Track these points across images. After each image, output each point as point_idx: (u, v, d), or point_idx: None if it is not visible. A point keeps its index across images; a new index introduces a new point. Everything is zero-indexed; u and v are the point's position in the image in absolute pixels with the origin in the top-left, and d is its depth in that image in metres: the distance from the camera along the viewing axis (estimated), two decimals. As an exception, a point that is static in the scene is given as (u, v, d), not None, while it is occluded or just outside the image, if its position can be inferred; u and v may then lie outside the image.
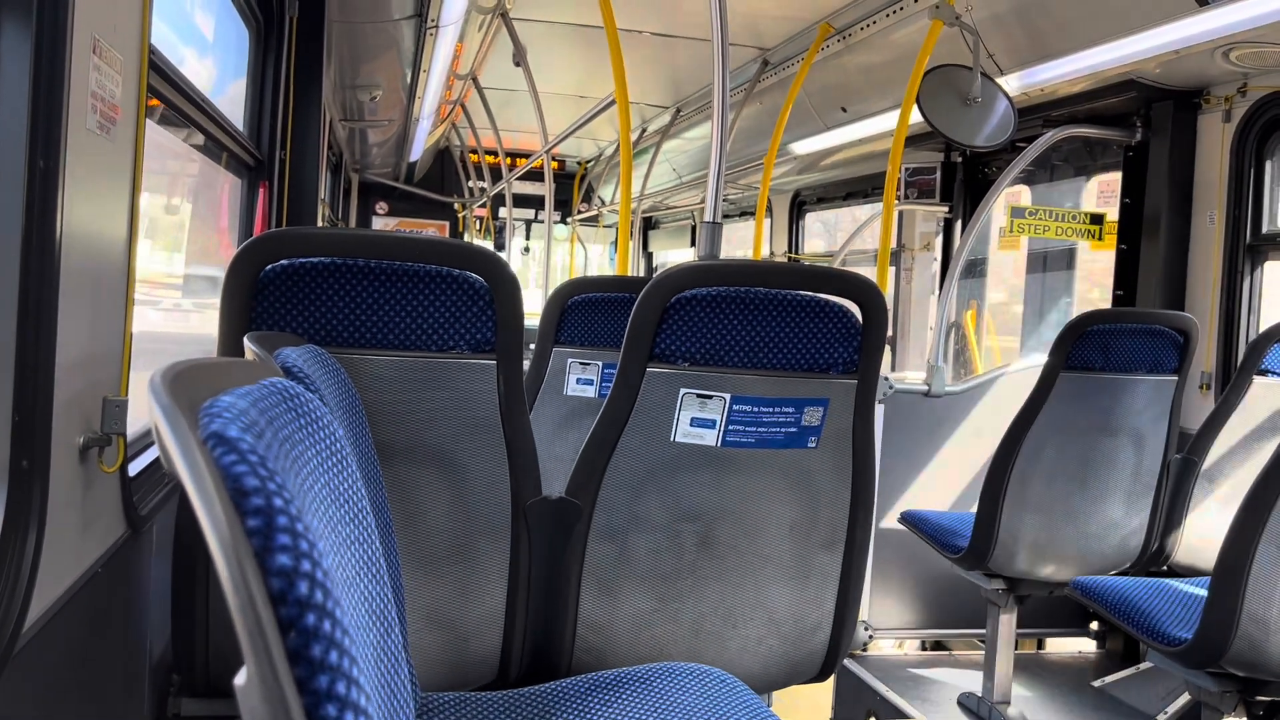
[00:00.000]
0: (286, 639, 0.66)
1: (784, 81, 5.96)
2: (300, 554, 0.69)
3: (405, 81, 6.20)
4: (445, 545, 2.03)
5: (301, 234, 1.89)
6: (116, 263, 1.71)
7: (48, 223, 1.36)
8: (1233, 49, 3.57)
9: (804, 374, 2.10)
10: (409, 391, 1.95)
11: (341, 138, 8.48)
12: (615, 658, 2.16)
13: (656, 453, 2.10)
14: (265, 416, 0.87)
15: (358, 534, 1.11)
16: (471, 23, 5.44)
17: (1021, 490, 3.25)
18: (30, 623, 1.36)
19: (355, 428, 1.62)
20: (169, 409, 0.74)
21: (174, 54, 2.45)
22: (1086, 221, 4.63)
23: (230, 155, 3.38)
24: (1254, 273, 3.97)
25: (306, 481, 0.92)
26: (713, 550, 2.17)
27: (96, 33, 1.51)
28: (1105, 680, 4.01)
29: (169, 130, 2.80)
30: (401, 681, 1.19)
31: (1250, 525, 2.39)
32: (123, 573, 1.84)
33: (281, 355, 1.41)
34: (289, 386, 1.03)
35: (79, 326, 1.53)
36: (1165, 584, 2.89)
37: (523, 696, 1.77)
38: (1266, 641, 2.41)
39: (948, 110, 4.19)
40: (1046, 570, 3.34)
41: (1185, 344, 3.25)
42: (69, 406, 1.49)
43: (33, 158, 1.33)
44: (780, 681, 2.31)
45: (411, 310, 1.93)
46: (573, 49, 6.54)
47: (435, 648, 2.05)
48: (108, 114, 1.57)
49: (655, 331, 2.05)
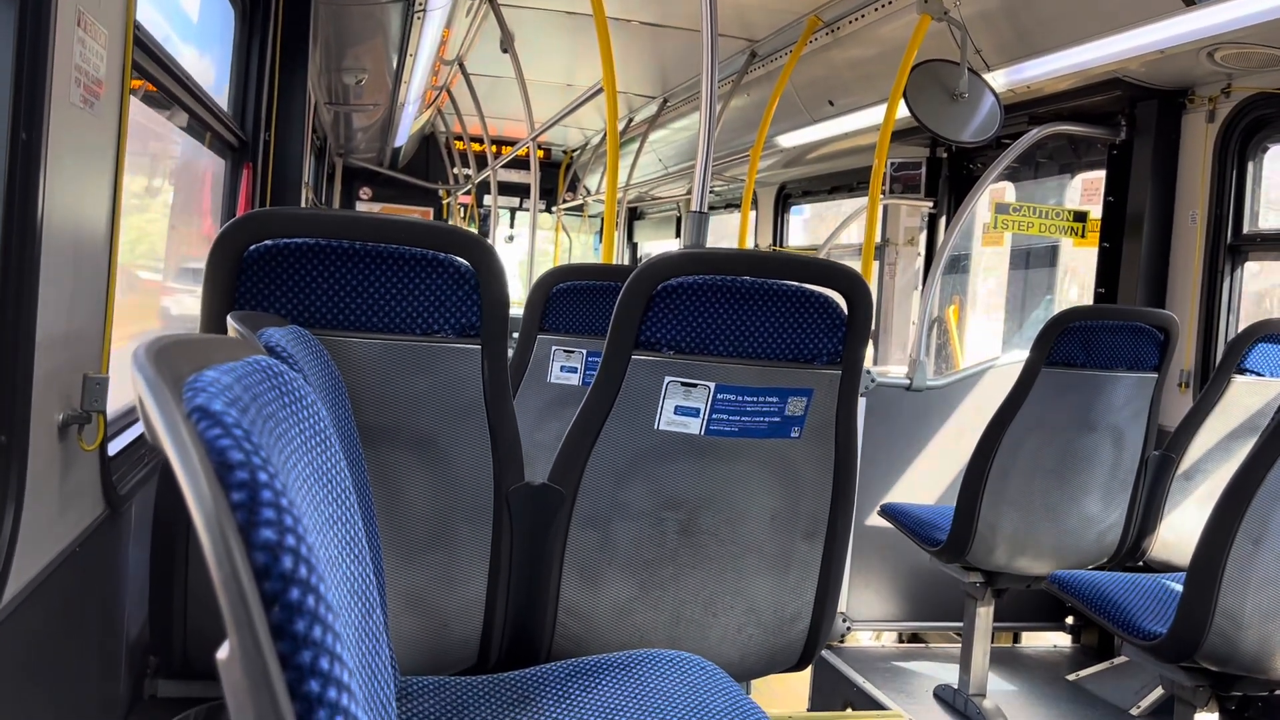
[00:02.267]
0: (270, 613, 0.65)
1: (771, 74, 5.96)
2: (285, 529, 0.68)
3: (391, 66, 6.16)
4: (427, 529, 2.02)
5: (286, 214, 1.87)
6: (99, 239, 1.69)
7: (29, 196, 1.35)
8: (1218, 49, 3.59)
9: (788, 364, 2.11)
10: (393, 375, 1.94)
11: (326, 121, 8.42)
12: (596, 644, 2.16)
13: (640, 440, 2.10)
14: (249, 393, 0.86)
15: (340, 514, 1.10)
16: (459, 7, 5.40)
17: (1001, 484, 3.27)
18: (5, 601, 1.35)
19: (338, 410, 1.61)
20: (154, 382, 0.73)
21: (158, 31, 2.43)
22: (1070, 219, 4.66)
23: (214, 135, 3.35)
24: (1234, 272, 4.00)
25: (290, 460, 0.92)
26: (694, 539, 2.17)
27: (81, 5, 1.49)
28: (1080, 674, 4.05)
29: (153, 109, 2.77)
30: (382, 663, 1.18)
31: (1226, 522, 2.41)
32: (100, 553, 1.83)
33: (265, 335, 1.40)
34: (273, 364, 1.02)
35: (60, 302, 1.51)
36: (1141, 579, 2.92)
37: (502, 681, 1.77)
38: (1240, 636, 2.44)
39: (934, 105, 4.20)
40: (1024, 564, 3.37)
41: (1165, 342, 3.27)
42: (49, 383, 1.48)
43: (15, 130, 1.31)
44: (759, 670, 2.31)
45: (396, 293, 1.92)
46: (560, 36, 6.51)
47: (415, 631, 2.05)
48: (91, 88, 1.56)
49: (641, 319, 2.05)
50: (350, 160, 11.43)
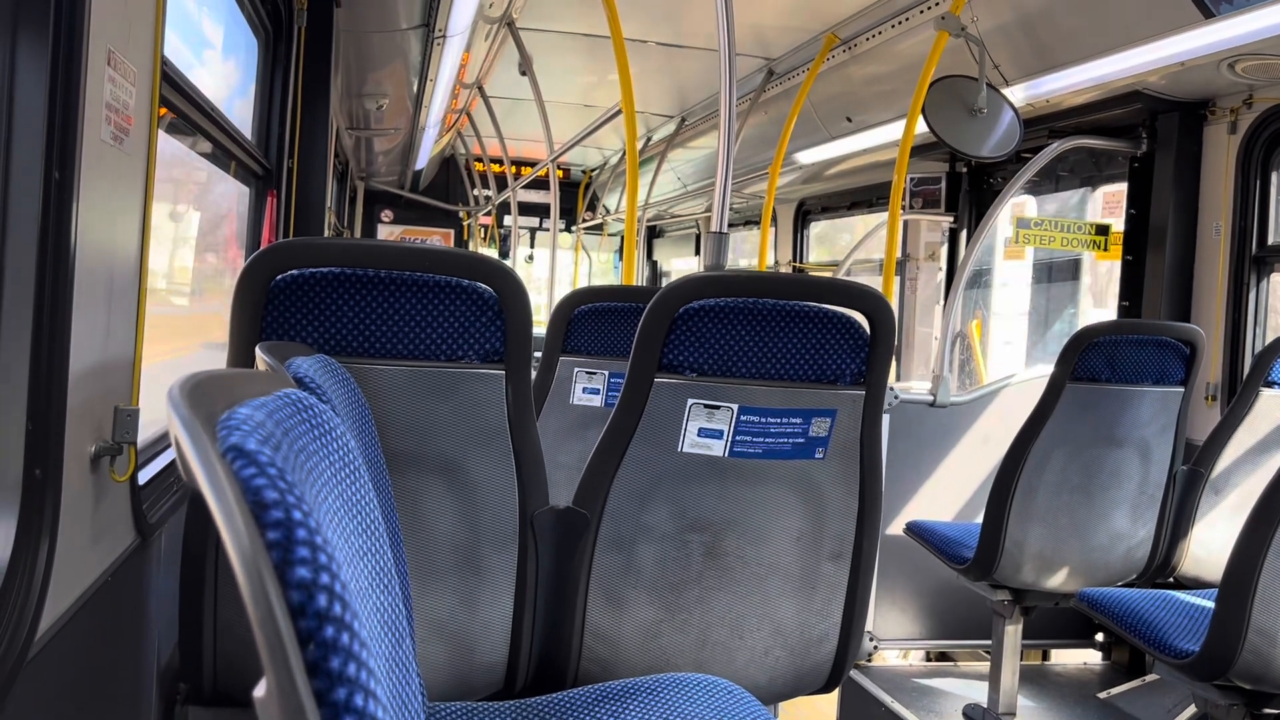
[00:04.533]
0: (305, 651, 0.66)
1: (789, 91, 5.98)
2: (319, 567, 0.69)
3: (412, 90, 6.22)
4: (452, 554, 2.03)
5: (312, 244, 1.89)
6: (129, 272, 1.72)
7: (62, 233, 1.37)
8: (1238, 61, 3.57)
9: (812, 385, 2.11)
10: (417, 401, 1.95)
11: (348, 146, 8.50)
12: (622, 668, 2.16)
13: (664, 463, 2.10)
14: (281, 428, 0.88)
15: (370, 545, 1.11)
16: (478, 32, 5.46)
17: (1027, 501, 3.25)
18: (42, 632, 1.36)
19: (365, 438, 1.63)
20: (188, 421, 0.74)
21: (183, 63, 2.47)
22: (1092, 232, 4.64)
23: (239, 164, 3.40)
24: (1260, 284, 3.97)
25: (321, 493, 0.93)
26: (720, 561, 2.17)
27: (111, 44, 1.52)
28: (1111, 692, 4.00)
29: (179, 139, 2.81)
30: (412, 692, 1.19)
31: (1258, 537, 2.38)
32: (131, 581, 1.85)
33: (293, 365, 1.42)
34: (303, 398, 1.03)
35: (92, 335, 1.53)
36: (1171, 596, 2.89)
37: (529, 707, 1.77)
38: (1274, 654, 2.41)
39: (953, 121, 4.20)
40: (1052, 581, 3.34)
41: (1191, 355, 3.25)
42: (81, 415, 1.50)
43: (48, 168, 1.34)
44: (787, 693, 2.30)
45: (421, 320, 1.93)
46: (578, 58, 6.56)
47: (441, 657, 2.05)
48: (121, 124, 1.58)
49: (663, 342, 2.06)
50: (372, 183, 11.54)
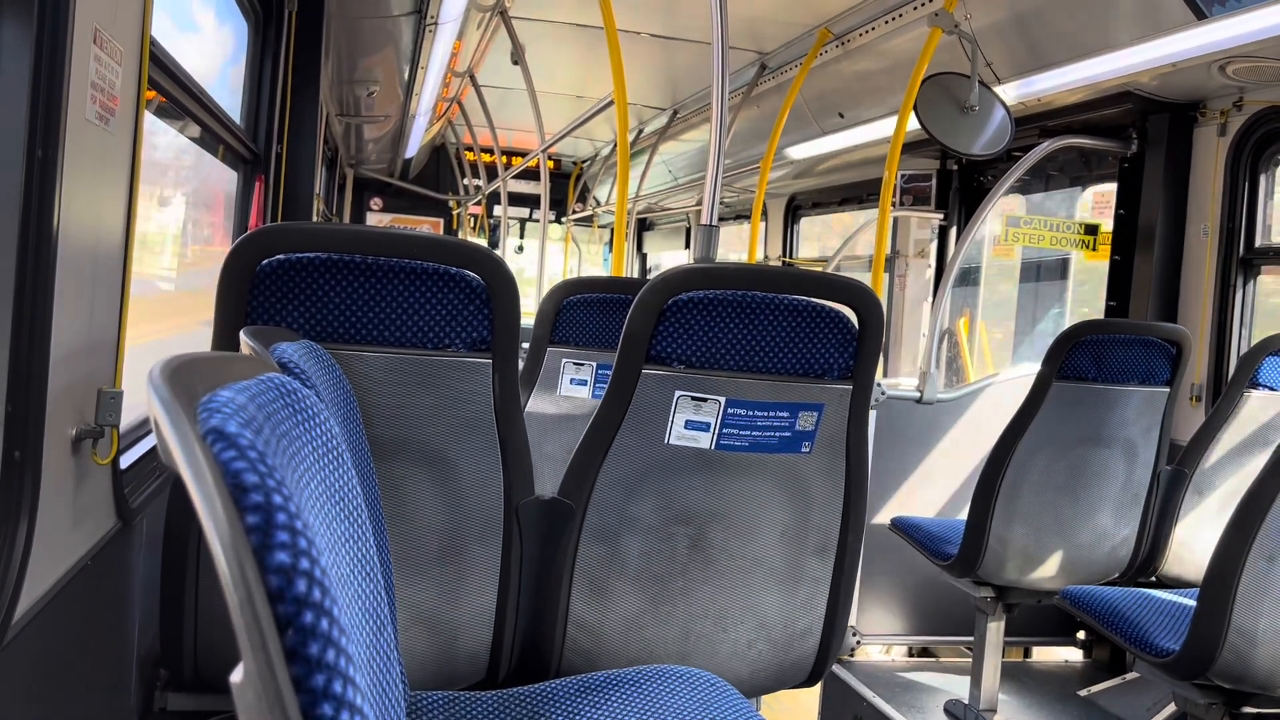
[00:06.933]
0: (284, 637, 0.66)
1: (781, 86, 5.97)
2: (299, 551, 0.68)
3: (403, 78, 6.19)
4: (436, 543, 2.02)
5: (299, 229, 1.88)
6: (113, 253, 1.70)
7: (45, 213, 1.35)
8: (1229, 63, 3.58)
9: (799, 379, 2.10)
10: (403, 389, 1.94)
11: (337, 132, 8.46)
12: (605, 659, 2.16)
13: (650, 454, 2.10)
14: (263, 412, 0.87)
15: (352, 532, 1.10)
16: (470, 20, 5.43)
17: (1012, 498, 3.26)
18: (19, 615, 1.35)
19: (350, 425, 1.62)
20: (168, 403, 0.73)
21: (172, 45, 2.44)
22: (1081, 232, 4.65)
23: (227, 148, 3.37)
24: (1246, 286, 3.99)
25: (303, 478, 0.92)
26: (704, 553, 2.17)
27: (98, 23, 1.50)
28: (1091, 690, 4.02)
29: (166, 122, 2.79)
30: (393, 680, 1.18)
31: (1240, 538, 2.40)
32: (112, 566, 1.83)
33: (278, 350, 1.41)
34: (286, 382, 1.02)
35: (75, 316, 1.52)
36: (1153, 595, 2.90)
37: (512, 697, 1.77)
38: (1253, 654, 2.42)
39: (945, 118, 4.20)
40: (1035, 579, 3.35)
41: (1178, 356, 3.26)
42: (63, 398, 1.49)
43: (31, 147, 1.32)
44: (769, 686, 2.31)
45: (408, 307, 1.92)
46: (571, 48, 6.53)
47: (424, 646, 2.05)
48: (107, 105, 1.57)
49: (652, 334, 2.05)
50: (361, 171, 11.48)
